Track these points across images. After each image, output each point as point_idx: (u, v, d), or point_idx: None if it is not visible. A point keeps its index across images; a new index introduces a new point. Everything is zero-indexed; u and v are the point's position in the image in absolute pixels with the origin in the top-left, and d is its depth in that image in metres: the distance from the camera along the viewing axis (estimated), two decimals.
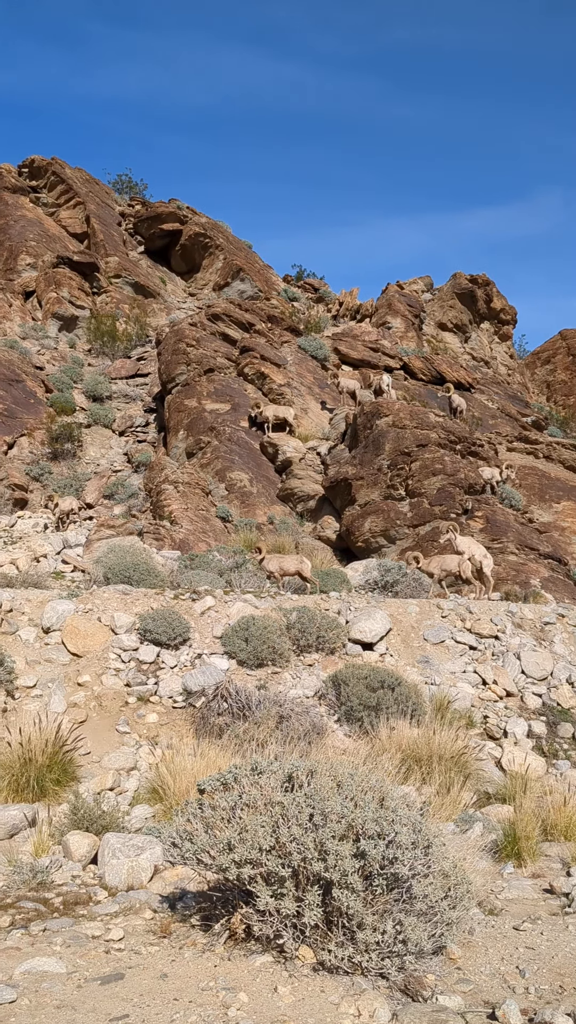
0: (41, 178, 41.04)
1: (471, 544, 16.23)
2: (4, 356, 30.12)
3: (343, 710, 11.84)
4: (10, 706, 11.20)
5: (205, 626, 12.98)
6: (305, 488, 24.07)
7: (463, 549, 15.89)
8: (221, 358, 28.88)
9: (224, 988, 4.63)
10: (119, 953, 5.23)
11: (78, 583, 16.67)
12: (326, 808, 5.14)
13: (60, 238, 38.07)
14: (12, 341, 31.98)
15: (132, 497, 24.81)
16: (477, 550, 16.04)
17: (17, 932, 5.58)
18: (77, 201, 40.07)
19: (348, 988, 4.69)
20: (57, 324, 34.26)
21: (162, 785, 9.02)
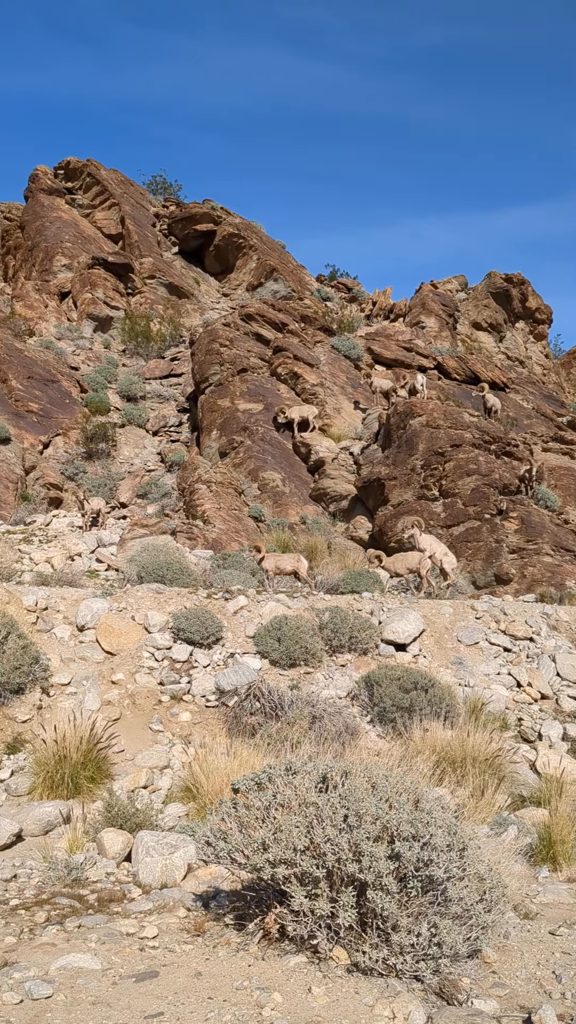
0: (77, 180, 41.31)
1: (433, 542, 16.23)
2: (40, 356, 30.37)
3: (376, 711, 11.81)
4: (45, 703, 11.29)
5: (238, 625, 13.01)
6: (338, 488, 24.03)
7: (424, 547, 15.88)
8: (254, 358, 28.91)
9: (258, 988, 4.63)
10: (153, 951, 5.24)
11: (112, 582, 16.77)
12: (361, 809, 5.12)
13: (95, 239, 38.30)
14: (48, 342, 32.23)
15: (165, 496, 24.91)
16: (438, 548, 16.09)
17: (52, 928, 5.61)
18: (112, 202, 40.29)
19: (383, 990, 4.67)
20: (92, 325, 34.48)
21: (195, 784, 9.05)
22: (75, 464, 26.50)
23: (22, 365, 29.13)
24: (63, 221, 38.10)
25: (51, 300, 35.13)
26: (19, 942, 5.43)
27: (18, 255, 38.23)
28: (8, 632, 11.34)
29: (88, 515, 22.21)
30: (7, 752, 10.47)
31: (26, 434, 26.63)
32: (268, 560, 15.77)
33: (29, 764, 9.90)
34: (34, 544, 19.61)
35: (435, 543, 16.19)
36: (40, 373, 29.44)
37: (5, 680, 10.98)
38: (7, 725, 10.86)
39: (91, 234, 38.50)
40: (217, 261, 41.06)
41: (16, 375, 28.48)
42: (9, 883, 6.77)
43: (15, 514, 22.52)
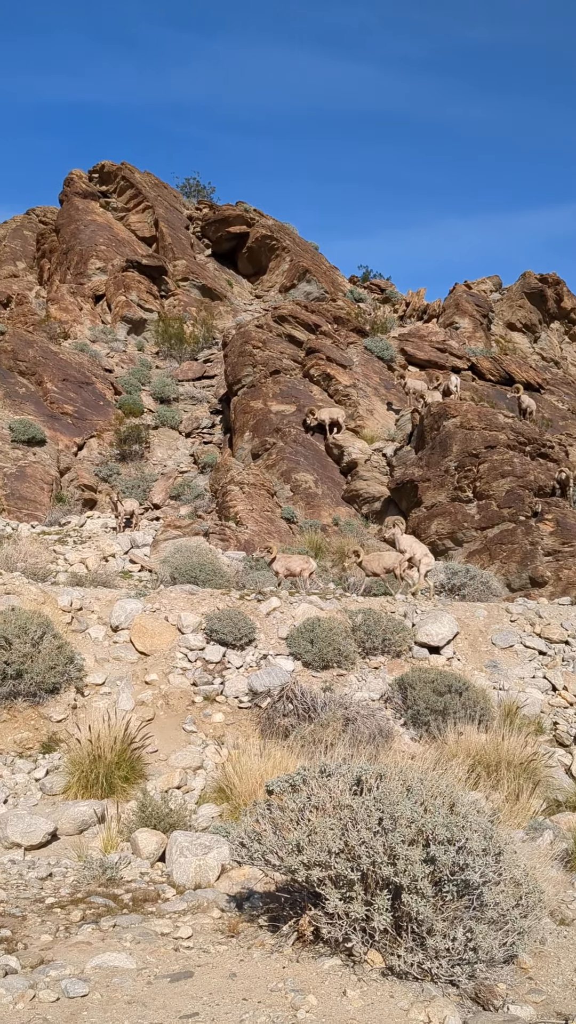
0: (111, 183, 41.58)
1: (412, 543, 16.07)
2: (75, 359, 30.61)
3: (409, 714, 11.76)
4: (80, 703, 11.37)
5: (270, 627, 13.02)
6: (370, 489, 23.99)
7: (404, 547, 15.75)
8: (287, 359, 28.93)
9: (293, 990, 4.62)
10: (188, 951, 5.26)
11: (145, 583, 16.85)
12: (395, 812, 5.10)
13: (129, 242, 38.54)
14: (82, 344, 32.48)
15: (198, 498, 24.99)
16: (418, 549, 15.94)
17: (88, 927, 5.65)
18: (146, 205, 40.51)
19: (418, 994, 4.64)
20: (126, 327, 34.69)
21: (228, 785, 9.06)
22: (109, 465, 26.68)
23: (57, 367, 29.37)
24: (97, 224, 38.37)
25: (86, 303, 35.39)
26: (55, 940, 5.46)
27: (53, 258, 38.56)
28: (43, 632, 11.43)
29: (122, 516, 22.33)
30: (42, 751, 10.55)
31: (61, 436, 26.85)
32: (278, 561, 15.75)
33: (64, 763, 9.97)
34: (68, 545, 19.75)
35: (415, 544, 16.07)
36: (75, 375, 29.67)
37: (41, 680, 11.07)
38: (42, 724, 10.94)
39: (125, 237, 38.75)
40: (250, 263, 41.14)
41: (51, 377, 28.72)
42: (45, 881, 6.82)
43: (50, 515, 22.71)
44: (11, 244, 41.22)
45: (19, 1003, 4.49)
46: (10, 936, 5.47)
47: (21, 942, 5.41)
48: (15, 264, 39.97)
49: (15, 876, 6.96)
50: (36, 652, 11.18)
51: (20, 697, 11.05)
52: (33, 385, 28.53)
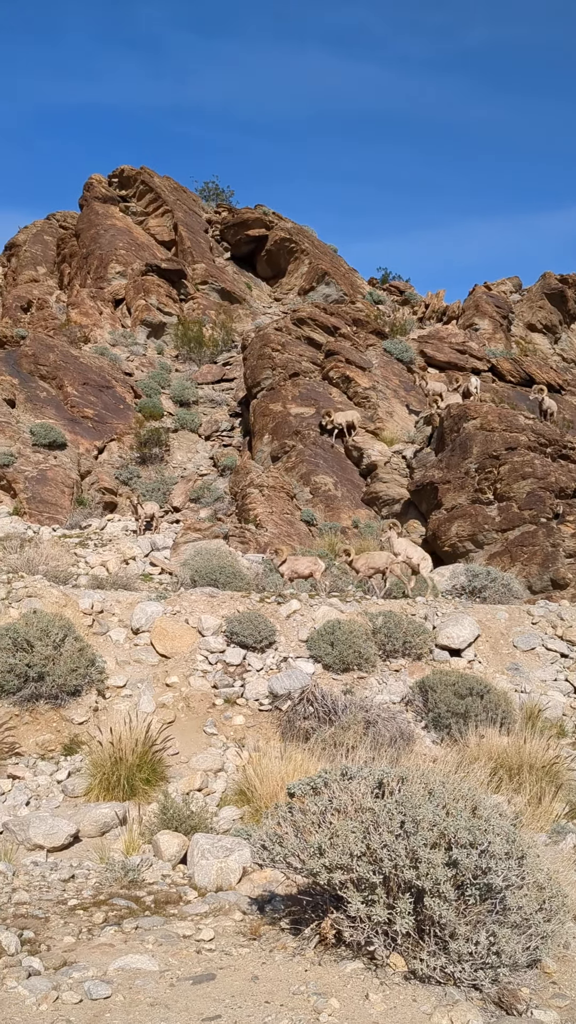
0: (130, 187, 41.76)
1: (408, 546, 15.97)
2: (95, 363, 30.75)
3: (431, 717, 11.73)
4: (101, 705, 11.41)
5: (291, 629, 13.02)
6: (390, 492, 23.95)
7: (399, 551, 15.65)
8: (306, 362, 28.93)
9: (315, 993, 4.61)
10: (210, 953, 5.26)
11: (166, 585, 16.89)
12: (418, 815, 5.08)
13: (148, 246, 38.68)
14: (102, 348, 32.63)
15: (218, 501, 25.04)
16: (415, 552, 15.86)
17: (110, 929, 5.66)
18: (165, 209, 40.65)
19: (440, 998, 4.62)
20: (145, 331, 34.82)
21: (249, 787, 9.06)
22: (129, 469, 26.78)
23: (77, 371, 29.52)
24: (117, 229, 38.54)
25: (105, 307, 35.54)
26: (78, 942, 5.48)
27: (73, 263, 38.76)
28: (65, 635, 11.48)
29: (142, 519, 22.41)
30: (64, 753, 10.60)
31: (81, 439, 26.98)
32: (286, 564, 15.67)
33: (85, 765, 10.01)
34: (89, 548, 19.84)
35: (410, 547, 15.97)
36: (95, 379, 29.80)
37: (62, 682, 11.11)
38: (64, 727, 10.99)
39: (144, 241, 38.89)
40: (269, 266, 41.20)
41: (72, 381, 28.87)
42: (67, 883, 6.84)
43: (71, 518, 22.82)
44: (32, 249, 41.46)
45: (42, 1004, 4.51)
46: (33, 937, 5.49)
47: (44, 943, 5.44)
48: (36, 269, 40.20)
49: (38, 878, 6.99)
50: (58, 654, 11.23)
51: (42, 699, 11.11)
52: (54, 389, 28.68)
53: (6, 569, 15.25)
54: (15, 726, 10.77)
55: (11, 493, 23.76)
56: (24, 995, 4.60)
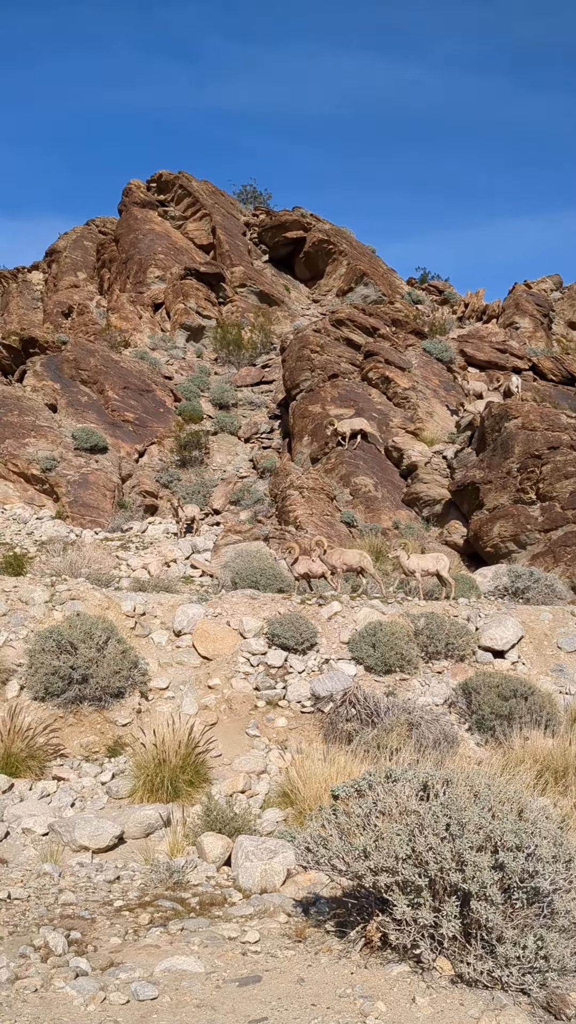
0: (168, 192, 42.00)
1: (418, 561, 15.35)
2: (135, 367, 30.97)
3: (474, 719, 11.64)
4: (144, 707, 11.47)
5: (332, 631, 12.99)
6: (431, 492, 23.82)
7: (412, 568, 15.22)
8: (345, 363, 28.90)
9: (361, 996, 4.60)
10: (255, 955, 5.26)
11: (207, 587, 16.95)
12: (463, 818, 5.05)
13: (187, 250, 38.88)
14: (142, 352, 32.85)
15: (258, 503, 25.08)
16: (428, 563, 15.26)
17: (156, 930, 5.69)
18: (203, 213, 40.84)
19: (488, 1003, 4.58)
20: (185, 334, 35.00)
21: (292, 789, 9.05)
22: (169, 472, 26.93)
23: (118, 376, 29.76)
24: (156, 233, 38.78)
25: (145, 311, 35.78)
26: (124, 943, 5.52)
27: (113, 268, 39.07)
28: (108, 637, 11.56)
29: (182, 522, 22.52)
30: (108, 755, 10.67)
31: (122, 443, 27.19)
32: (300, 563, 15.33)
33: (129, 767, 10.06)
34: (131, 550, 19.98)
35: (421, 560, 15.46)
36: (135, 383, 30.02)
37: (106, 684, 11.20)
38: (108, 728, 11.07)
39: (183, 245, 39.09)
40: (307, 267, 41.20)
41: (112, 386, 29.11)
42: (113, 884, 6.89)
43: (112, 521, 23.01)
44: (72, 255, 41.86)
45: (90, 1005, 4.54)
46: (80, 938, 5.54)
47: (91, 944, 5.48)
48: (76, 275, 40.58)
49: (84, 879, 7.05)
50: (101, 657, 11.31)
51: (86, 701, 11.20)
52: (95, 393, 28.94)
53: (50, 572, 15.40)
54: (60, 728, 10.87)
55: (54, 497, 24.01)
56: (72, 995, 4.63)
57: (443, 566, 15.33)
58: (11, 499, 23.94)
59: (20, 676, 11.42)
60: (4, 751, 9.86)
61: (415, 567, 15.28)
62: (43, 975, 4.91)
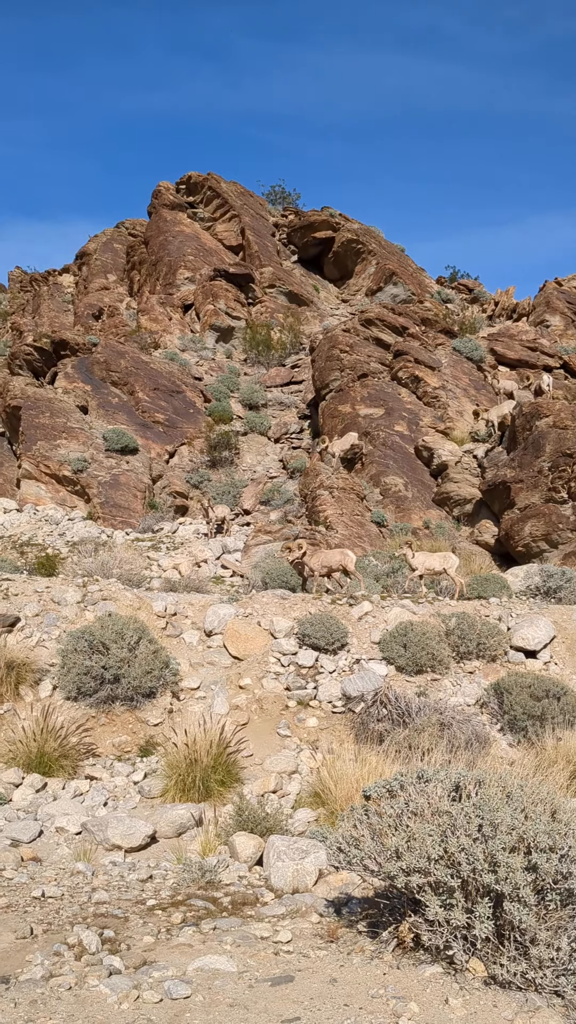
0: (197, 193, 42.14)
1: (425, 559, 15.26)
2: (165, 368, 31.10)
3: (506, 719, 11.58)
4: (175, 707, 11.52)
5: (363, 631, 12.97)
6: (461, 492, 23.71)
7: (417, 566, 15.07)
8: (375, 363, 28.84)
9: (394, 997, 4.59)
10: (288, 955, 5.27)
11: (237, 587, 16.98)
12: (496, 819, 5.02)
13: (216, 251, 38.98)
14: (172, 353, 32.98)
15: (288, 503, 25.08)
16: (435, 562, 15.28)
17: (188, 929, 5.71)
18: (232, 214, 40.92)
19: (522, 1004, 4.56)
20: (214, 335, 35.09)
21: (324, 789, 9.05)
22: (200, 472, 27.01)
23: (148, 377, 29.90)
24: (185, 235, 38.92)
25: (175, 313, 35.92)
26: (157, 942, 5.54)
27: (143, 270, 39.26)
28: (140, 637, 11.62)
29: (213, 522, 22.58)
30: (140, 755, 10.73)
31: (153, 444, 27.31)
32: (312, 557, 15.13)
33: (161, 767, 10.11)
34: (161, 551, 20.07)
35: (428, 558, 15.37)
36: (165, 384, 30.14)
37: (137, 684, 11.26)
38: (140, 728, 11.13)
39: (212, 246, 39.20)
40: (336, 267, 41.15)
41: (143, 387, 29.25)
42: (145, 883, 6.93)
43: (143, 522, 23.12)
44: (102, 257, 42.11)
45: (123, 1003, 4.57)
46: (113, 937, 5.57)
47: (124, 943, 5.51)
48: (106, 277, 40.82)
49: (116, 878, 7.10)
50: (132, 657, 11.38)
51: (118, 701, 11.27)
52: (125, 395, 29.10)
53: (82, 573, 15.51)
54: (92, 728, 10.95)
55: (85, 498, 24.17)
56: (105, 993, 4.66)
57: (451, 565, 15.20)
58: (43, 500, 24.14)
59: (53, 676, 11.51)
60: (38, 750, 9.95)
61: (420, 565, 15.17)
62: (77, 973, 4.95)
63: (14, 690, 11.22)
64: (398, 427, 26.23)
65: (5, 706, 10.97)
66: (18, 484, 25.20)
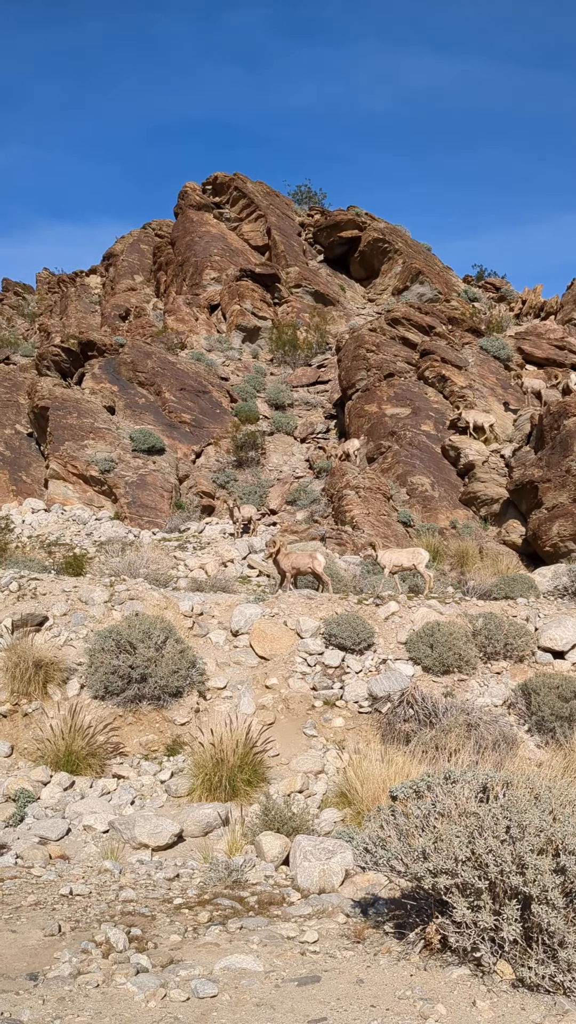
0: (224, 194, 42.23)
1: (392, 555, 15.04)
2: (192, 368, 31.19)
3: (534, 720, 11.50)
4: (202, 707, 11.54)
5: (389, 631, 12.94)
6: (488, 491, 23.59)
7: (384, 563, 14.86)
8: (401, 362, 28.76)
9: (421, 998, 4.57)
10: (314, 955, 5.26)
11: (263, 587, 16.99)
12: (523, 821, 4.99)
13: (242, 251, 39.05)
14: (199, 354, 33.07)
15: (314, 503, 25.08)
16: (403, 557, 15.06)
17: (215, 928, 5.72)
18: (258, 214, 40.97)
19: (550, 1008, 4.52)
20: (240, 335, 35.15)
21: (350, 789, 9.03)
22: (226, 472, 27.07)
23: (175, 378, 30.00)
24: (211, 235, 39.02)
25: (201, 313, 36.02)
26: (184, 940, 5.56)
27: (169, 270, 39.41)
28: (166, 637, 11.66)
29: (239, 522, 22.61)
30: (167, 754, 10.76)
31: (179, 444, 27.40)
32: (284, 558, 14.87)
33: (188, 766, 10.13)
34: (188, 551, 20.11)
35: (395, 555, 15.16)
36: (192, 385, 30.23)
37: (164, 683, 11.29)
38: (166, 727, 11.17)
39: (238, 247, 39.27)
40: (362, 267, 41.09)
41: (169, 387, 29.35)
42: (172, 882, 6.95)
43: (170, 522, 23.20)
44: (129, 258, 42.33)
45: (150, 1001, 4.58)
46: (140, 935, 5.59)
47: (151, 941, 5.53)
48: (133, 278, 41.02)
49: (143, 876, 7.12)
50: (159, 656, 11.42)
51: (145, 700, 11.31)
52: (152, 395, 29.21)
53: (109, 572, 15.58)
54: (119, 726, 11.00)
55: (112, 498, 24.29)
56: (132, 991, 4.68)
57: (419, 560, 14.97)
58: (71, 500, 24.29)
59: (80, 675, 11.58)
60: (65, 749, 10.01)
61: (388, 563, 15.02)
62: (104, 971, 4.97)
63: (42, 689, 11.30)
64: (425, 427, 26.15)
65: (33, 704, 11.05)
66: (46, 484, 25.37)
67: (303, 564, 14.96)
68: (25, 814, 8.92)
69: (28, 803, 9.13)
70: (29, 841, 8.08)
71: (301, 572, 15.13)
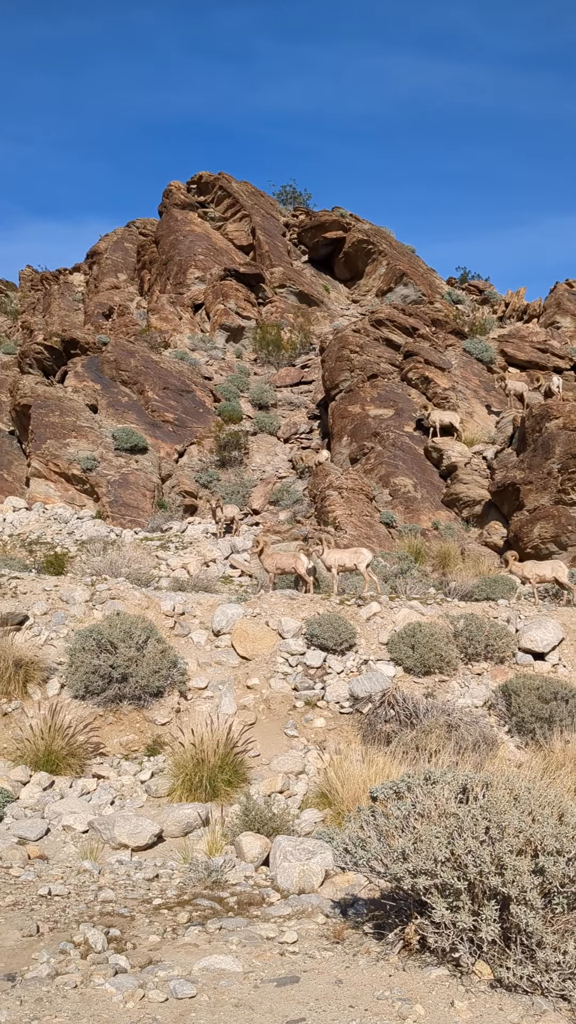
0: (208, 193, 42.15)
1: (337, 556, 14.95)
2: (175, 368, 31.12)
3: (514, 721, 11.55)
4: (183, 707, 11.53)
5: (371, 632, 12.96)
6: (471, 493, 23.67)
7: (330, 563, 14.88)
8: (384, 363, 28.81)
9: (400, 999, 4.58)
10: (293, 956, 5.26)
11: (246, 587, 16.98)
12: (503, 821, 5.01)
13: (227, 251, 38.99)
14: (182, 353, 32.99)
15: (297, 503, 25.08)
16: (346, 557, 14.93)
17: (194, 929, 5.71)
18: (243, 214, 40.92)
19: (528, 1008, 4.54)
20: (224, 335, 35.09)
21: (331, 790, 9.05)
22: (209, 472, 27.02)
23: (158, 376, 29.92)
24: (196, 235, 38.93)
25: (185, 312, 35.93)
26: (162, 941, 5.54)
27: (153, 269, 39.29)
28: (148, 636, 11.63)
29: (222, 522, 22.58)
30: (147, 754, 10.74)
31: (162, 443, 27.33)
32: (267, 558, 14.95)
33: (168, 766, 10.12)
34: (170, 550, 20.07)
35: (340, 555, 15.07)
36: (175, 384, 30.16)
37: (145, 683, 11.26)
38: (147, 727, 11.14)
39: (223, 246, 39.21)
40: (346, 268, 41.11)
41: (152, 386, 29.27)
42: (152, 883, 6.93)
43: (152, 521, 23.14)
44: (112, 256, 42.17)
45: (129, 1002, 4.57)
46: (119, 936, 5.57)
47: (130, 942, 5.51)
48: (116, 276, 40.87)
49: (123, 876, 7.10)
50: (140, 656, 11.39)
51: (125, 700, 11.28)
52: (135, 394, 29.12)
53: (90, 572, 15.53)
54: (100, 726, 10.96)
55: (94, 497, 24.21)
56: (111, 992, 4.66)
57: (361, 560, 14.94)
58: (52, 499, 24.18)
59: (61, 675, 11.53)
60: (45, 748, 9.96)
61: (332, 562, 15.02)
62: (83, 971, 4.95)
63: (22, 688, 11.24)
64: (408, 428, 26.20)
65: (13, 704, 10.99)
66: (27, 482, 25.25)
67: (286, 564, 14.98)
68: (4, 814, 8.87)
69: (7, 803, 9.08)
70: (8, 841, 8.04)
71: (284, 572, 15.14)
